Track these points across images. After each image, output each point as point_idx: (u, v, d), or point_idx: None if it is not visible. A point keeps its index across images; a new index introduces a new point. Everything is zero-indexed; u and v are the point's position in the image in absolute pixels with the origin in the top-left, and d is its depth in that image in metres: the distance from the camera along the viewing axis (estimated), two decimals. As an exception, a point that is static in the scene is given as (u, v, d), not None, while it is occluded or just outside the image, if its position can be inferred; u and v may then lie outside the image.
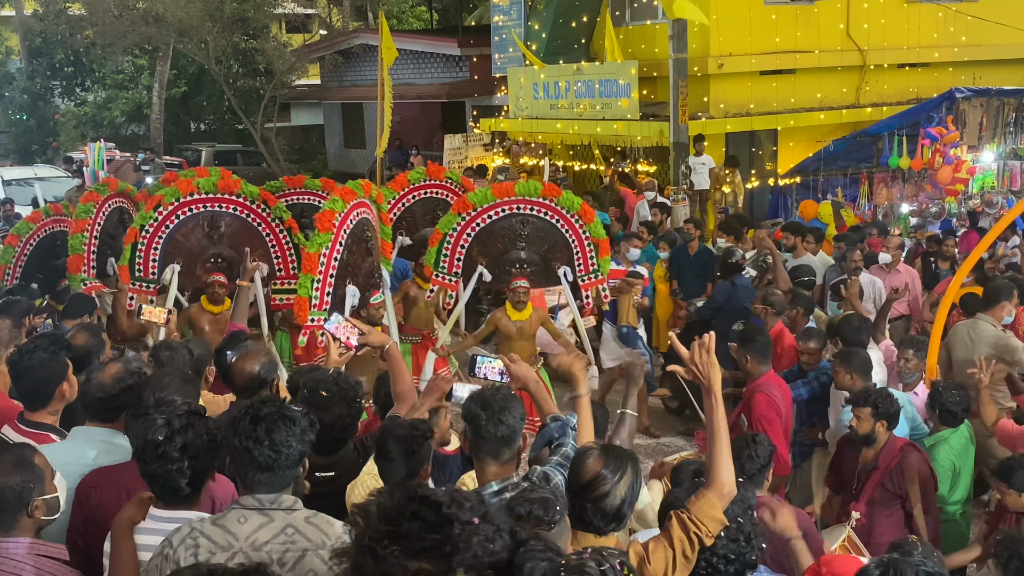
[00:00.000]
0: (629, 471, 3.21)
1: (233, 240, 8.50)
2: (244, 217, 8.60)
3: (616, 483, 3.16)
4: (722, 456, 3.31)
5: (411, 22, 37.29)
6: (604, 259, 8.69)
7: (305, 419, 3.18)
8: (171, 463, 3.16)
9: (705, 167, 14.74)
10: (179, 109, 33.40)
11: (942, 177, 12.74)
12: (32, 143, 34.15)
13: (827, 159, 15.04)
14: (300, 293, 7.32)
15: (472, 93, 22.93)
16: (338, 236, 7.45)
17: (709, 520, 3.21)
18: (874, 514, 5.43)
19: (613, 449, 3.34)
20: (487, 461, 3.57)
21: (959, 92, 13.37)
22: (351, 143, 29.31)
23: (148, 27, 27.05)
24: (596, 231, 8.64)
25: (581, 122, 16.79)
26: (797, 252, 9.81)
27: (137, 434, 3.27)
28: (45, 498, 3.28)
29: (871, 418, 5.46)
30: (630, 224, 13.41)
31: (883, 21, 17.21)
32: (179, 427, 3.20)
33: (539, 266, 8.66)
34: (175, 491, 3.21)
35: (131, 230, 8.33)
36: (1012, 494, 5.11)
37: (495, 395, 3.61)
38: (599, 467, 3.19)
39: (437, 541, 2.24)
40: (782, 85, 16.63)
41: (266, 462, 3.06)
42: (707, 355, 3.39)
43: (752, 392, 6.07)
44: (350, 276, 7.62)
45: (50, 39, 32.16)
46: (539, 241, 8.63)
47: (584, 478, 3.19)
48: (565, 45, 18.20)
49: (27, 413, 4.25)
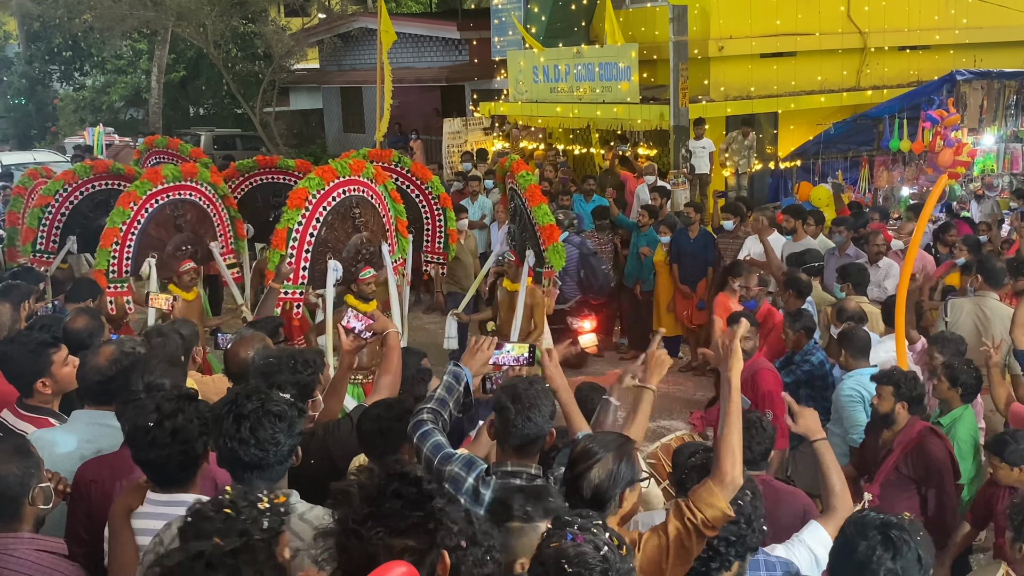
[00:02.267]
0: (611, 458, 3.19)
1: (194, 226, 8.72)
2: (197, 201, 8.78)
3: (595, 463, 3.18)
4: (731, 445, 3.24)
5: (410, 5, 37.15)
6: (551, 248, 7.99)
7: (292, 410, 3.11)
8: (162, 448, 3.13)
9: (705, 151, 14.71)
10: (178, 93, 33.31)
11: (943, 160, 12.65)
12: (31, 128, 34.10)
13: (827, 142, 15.00)
14: (269, 267, 7.57)
15: (471, 77, 22.88)
16: (314, 213, 7.57)
17: (709, 508, 3.11)
18: (888, 497, 5.32)
19: (611, 435, 3.36)
20: (508, 452, 3.54)
21: (960, 75, 13.33)
22: (350, 127, 29.24)
23: (146, 11, 26.95)
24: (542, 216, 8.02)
25: (581, 105, 16.74)
26: (797, 235, 9.78)
27: (128, 420, 3.25)
28: (42, 486, 3.23)
29: (892, 397, 5.39)
30: (629, 208, 13.40)
31: (884, 3, 17.15)
32: (169, 412, 3.17)
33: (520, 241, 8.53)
34: (169, 476, 3.19)
35: (108, 231, 8.22)
36: (1004, 468, 5.10)
37: (528, 390, 3.53)
38: (587, 444, 3.26)
39: (420, 518, 2.24)
40: (783, 68, 16.58)
41: (253, 461, 3.02)
42: (731, 341, 3.37)
43: (754, 370, 6.14)
44: (331, 251, 7.68)
45: (48, 23, 32.08)
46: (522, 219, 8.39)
47: (573, 454, 3.25)
48: (565, 28, 18.13)
49: (26, 397, 4.26)
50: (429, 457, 3.54)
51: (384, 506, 2.24)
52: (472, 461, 3.53)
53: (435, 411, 3.69)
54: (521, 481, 3.44)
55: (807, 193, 12.90)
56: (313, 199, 7.55)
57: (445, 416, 3.71)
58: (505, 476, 3.46)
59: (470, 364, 3.95)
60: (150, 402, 3.23)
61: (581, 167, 17.58)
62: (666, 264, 10.89)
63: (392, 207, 8.33)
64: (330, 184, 7.67)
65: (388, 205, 8.28)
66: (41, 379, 4.23)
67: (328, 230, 7.69)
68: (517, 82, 18.56)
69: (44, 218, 9.31)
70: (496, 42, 20.27)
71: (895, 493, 5.39)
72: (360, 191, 7.98)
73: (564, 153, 17.96)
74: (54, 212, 9.37)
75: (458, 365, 3.90)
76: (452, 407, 3.75)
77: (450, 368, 3.88)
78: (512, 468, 3.48)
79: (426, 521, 2.24)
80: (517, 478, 3.46)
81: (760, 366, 6.38)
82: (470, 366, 3.94)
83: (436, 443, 3.57)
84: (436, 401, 3.74)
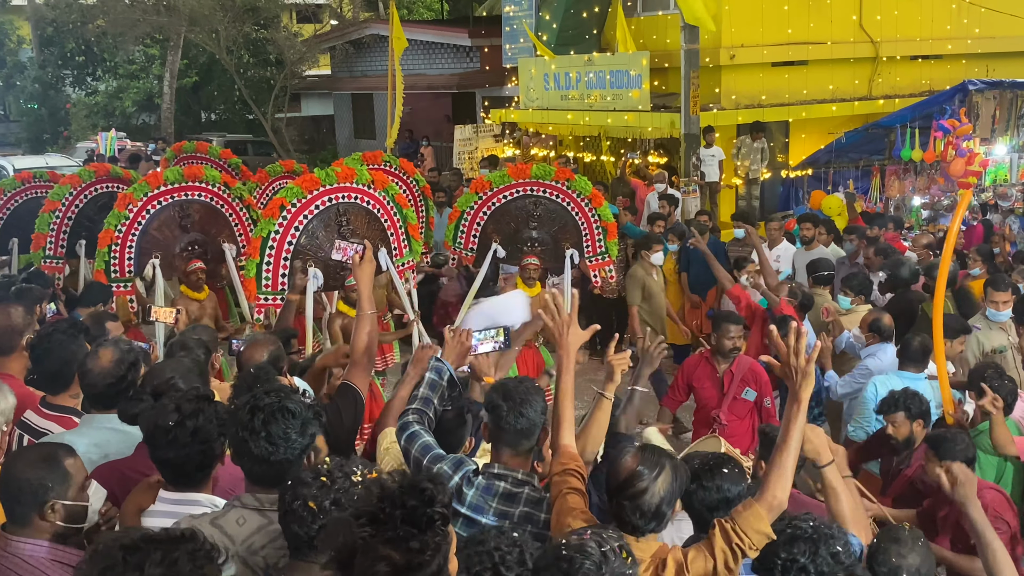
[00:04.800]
0: (667, 469, 3.16)
1: (203, 226, 8.83)
2: (209, 201, 8.87)
3: (653, 480, 3.11)
4: (785, 468, 3.16)
5: (422, 12, 37.26)
6: (611, 241, 9.24)
7: (308, 411, 3.11)
8: (182, 448, 3.15)
9: (715, 159, 14.68)
10: (190, 99, 33.42)
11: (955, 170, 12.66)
12: (43, 132, 34.21)
13: (839, 151, 14.96)
14: (246, 275, 7.86)
15: (483, 84, 22.92)
16: (292, 222, 7.81)
17: (754, 533, 3.04)
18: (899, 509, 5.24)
19: (650, 447, 3.31)
20: (503, 451, 3.58)
21: (972, 84, 13.29)
22: (361, 133, 29.28)
23: (159, 16, 27.08)
24: (605, 214, 9.19)
25: (592, 113, 16.74)
26: (812, 245, 9.78)
27: (148, 419, 3.25)
28: (65, 503, 3.08)
29: (906, 421, 5.33)
30: (640, 215, 13.39)
31: (896, 13, 17.12)
32: (189, 412, 3.18)
33: (549, 246, 9.16)
34: (186, 475, 3.20)
35: (104, 232, 8.36)
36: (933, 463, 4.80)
37: (518, 387, 3.60)
38: (635, 465, 3.15)
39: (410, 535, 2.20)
40: (794, 76, 16.56)
41: (263, 454, 3.01)
42: (798, 359, 3.20)
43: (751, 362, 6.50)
44: (311, 259, 7.84)
45: (62, 28, 32.21)
46: (550, 222, 9.15)
47: (621, 476, 3.15)
48: (576, 36, 18.13)
49: (49, 397, 4.27)
50: (418, 458, 3.59)
51: (385, 511, 2.23)
52: (462, 461, 3.60)
53: (420, 411, 3.77)
54: (507, 484, 3.50)
55: (819, 202, 12.87)
56: (293, 208, 7.80)
57: (430, 414, 3.79)
58: (492, 478, 3.51)
59: (450, 357, 4.04)
60: (170, 402, 3.25)
61: (591, 175, 17.57)
62: (675, 273, 10.88)
63: (399, 211, 8.39)
64: (312, 193, 7.88)
65: (394, 210, 8.38)
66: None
67: (309, 239, 7.88)
68: (528, 89, 18.58)
69: (53, 223, 9.43)
70: (507, 49, 20.29)
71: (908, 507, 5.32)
72: (352, 198, 8.11)
73: (575, 160, 17.96)
74: (61, 217, 9.49)
75: (439, 360, 3.96)
76: (437, 403, 3.83)
77: (431, 364, 3.95)
78: (499, 471, 3.53)
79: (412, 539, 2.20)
80: (504, 480, 3.51)
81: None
82: (450, 359, 4.03)
83: (424, 444, 3.63)
84: (420, 401, 3.80)
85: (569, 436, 3.54)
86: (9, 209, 10.20)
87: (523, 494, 3.50)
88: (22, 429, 4.20)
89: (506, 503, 3.48)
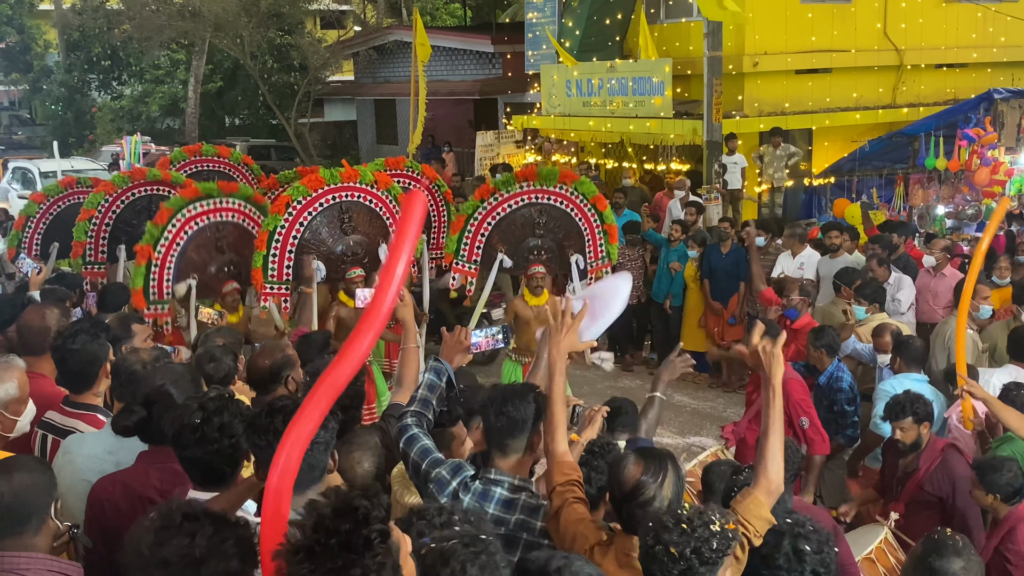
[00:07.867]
0: (670, 471, 3.17)
1: (238, 248, 8.90)
2: (240, 223, 8.93)
3: (659, 487, 3.13)
4: (774, 452, 3.25)
5: (444, 19, 37.36)
6: (612, 245, 9.45)
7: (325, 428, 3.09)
8: (211, 444, 3.17)
9: (737, 166, 14.63)
10: (214, 104, 33.63)
11: (979, 179, 12.59)
12: (69, 136, 34.54)
13: (862, 159, 14.89)
14: (253, 265, 8.39)
15: (505, 90, 22.95)
16: (297, 217, 8.51)
17: (757, 519, 3.12)
18: (913, 516, 5.33)
19: (650, 451, 3.31)
20: (495, 454, 3.55)
21: (997, 93, 13.21)
22: (384, 139, 29.39)
23: (184, 22, 27.26)
24: (608, 218, 9.38)
25: (614, 120, 16.73)
26: (838, 253, 9.75)
27: (172, 422, 3.27)
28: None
29: (913, 425, 5.40)
30: (661, 223, 13.37)
31: (921, 21, 17.02)
32: (213, 409, 3.22)
33: (554, 253, 9.29)
34: (216, 473, 3.22)
35: (142, 248, 8.40)
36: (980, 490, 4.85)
37: (505, 389, 3.61)
38: (639, 473, 3.15)
39: (350, 562, 2.16)
40: (817, 84, 16.48)
41: None
42: (772, 347, 3.32)
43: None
44: (315, 253, 8.48)
45: (88, 33, 32.52)
46: (555, 229, 9.27)
47: (626, 486, 3.16)
48: (599, 42, 18.12)
49: (72, 395, 4.30)
50: (417, 461, 3.57)
51: (320, 542, 2.17)
52: (460, 466, 3.57)
53: (419, 413, 3.73)
54: (503, 490, 3.47)
55: (842, 210, 12.80)
56: (298, 204, 8.49)
57: (429, 416, 3.76)
58: (488, 483, 3.49)
59: (448, 356, 4.02)
60: (192, 402, 3.27)
61: (614, 181, 17.57)
62: (696, 279, 10.85)
63: None
64: (317, 191, 8.54)
65: (396, 208, 8.77)
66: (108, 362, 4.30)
67: (311, 234, 8.56)
68: (550, 96, 18.59)
69: (90, 230, 9.56)
70: (530, 56, 20.32)
71: (920, 511, 5.40)
72: (356, 196, 8.72)
73: (597, 167, 17.95)
74: (99, 223, 9.59)
75: (438, 360, 3.94)
76: (435, 404, 3.81)
77: (430, 364, 3.93)
78: (496, 476, 3.50)
79: (352, 567, 2.16)
80: (500, 486, 3.48)
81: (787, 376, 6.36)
82: (449, 358, 4.01)
83: (423, 447, 3.61)
84: (419, 403, 3.77)
85: (563, 443, 3.51)
86: (52, 214, 10.37)
87: (520, 501, 3.47)
88: (45, 429, 4.22)
89: (502, 509, 3.46)
